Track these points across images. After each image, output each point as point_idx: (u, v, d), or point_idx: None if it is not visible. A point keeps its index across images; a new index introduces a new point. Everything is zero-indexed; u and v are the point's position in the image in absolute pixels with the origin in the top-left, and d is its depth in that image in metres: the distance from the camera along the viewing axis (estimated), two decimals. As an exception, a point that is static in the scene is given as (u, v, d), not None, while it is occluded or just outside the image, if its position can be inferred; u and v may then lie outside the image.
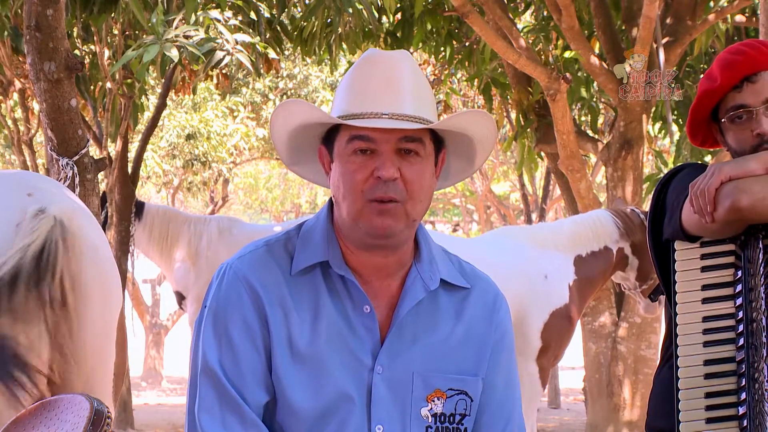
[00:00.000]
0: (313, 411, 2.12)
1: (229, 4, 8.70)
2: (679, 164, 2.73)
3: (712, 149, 10.11)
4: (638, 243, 6.69)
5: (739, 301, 2.43)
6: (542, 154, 11.06)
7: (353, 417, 2.13)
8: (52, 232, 3.30)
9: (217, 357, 2.12)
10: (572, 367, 16.96)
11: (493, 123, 2.24)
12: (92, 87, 9.88)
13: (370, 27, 9.37)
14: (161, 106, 10.28)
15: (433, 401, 2.17)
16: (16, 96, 10.71)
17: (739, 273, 2.43)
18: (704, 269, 2.46)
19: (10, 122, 10.96)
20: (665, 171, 11.04)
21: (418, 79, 2.17)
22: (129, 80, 9.35)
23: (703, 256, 2.46)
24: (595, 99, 10.73)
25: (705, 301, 2.45)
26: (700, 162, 2.80)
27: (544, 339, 6.54)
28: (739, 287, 2.43)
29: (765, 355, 2.39)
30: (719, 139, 2.65)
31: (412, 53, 11.91)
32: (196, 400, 2.13)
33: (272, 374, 2.13)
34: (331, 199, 2.22)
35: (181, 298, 7.95)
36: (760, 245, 2.40)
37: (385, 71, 2.15)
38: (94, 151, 8.55)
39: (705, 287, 2.46)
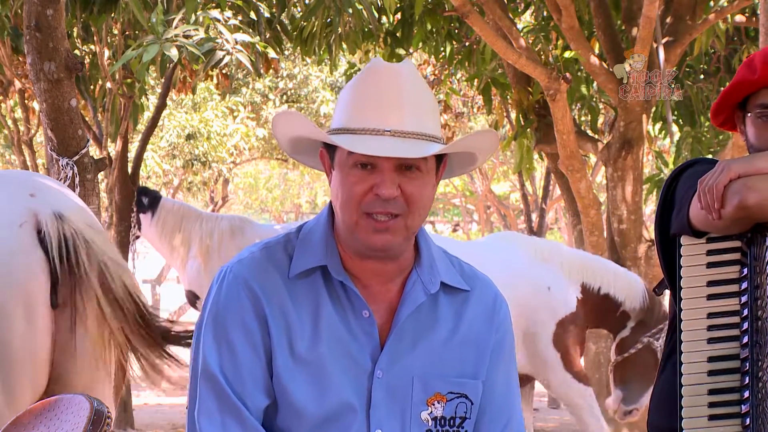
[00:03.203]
0: (315, 414, 2.11)
1: (229, 4, 8.69)
2: (689, 159, 2.71)
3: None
4: (640, 324, 6.62)
5: (744, 298, 2.42)
6: (542, 154, 11.07)
7: (353, 421, 2.12)
8: (75, 237, 3.33)
9: (218, 361, 2.12)
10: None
11: (496, 138, 2.22)
12: (92, 87, 9.88)
13: (370, 27, 9.37)
14: (161, 106, 10.28)
15: (434, 405, 2.16)
16: (16, 96, 10.71)
17: (745, 270, 2.42)
18: (710, 265, 2.45)
19: (10, 122, 10.96)
20: (665, 171, 11.04)
21: (421, 92, 2.14)
22: (129, 80, 9.35)
23: (709, 252, 2.45)
24: (595, 99, 10.73)
25: (710, 297, 2.45)
26: (710, 158, 2.78)
27: (558, 348, 6.55)
28: (744, 284, 2.42)
29: (770, 354, 2.40)
30: (740, 128, 2.64)
31: (412, 53, 11.93)
32: (196, 405, 2.13)
33: (273, 378, 2.12)
34: (331, 202, 2.21)
35: (194, 297, 7.92)
36: (767, 243, 2.39)
37: (388, 84, 2.13)
38: (94, 151, 8.55)
39: (710, 283, 2.45)
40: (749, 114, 2.57)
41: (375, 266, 2.17)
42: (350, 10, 8.71)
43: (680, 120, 10.73)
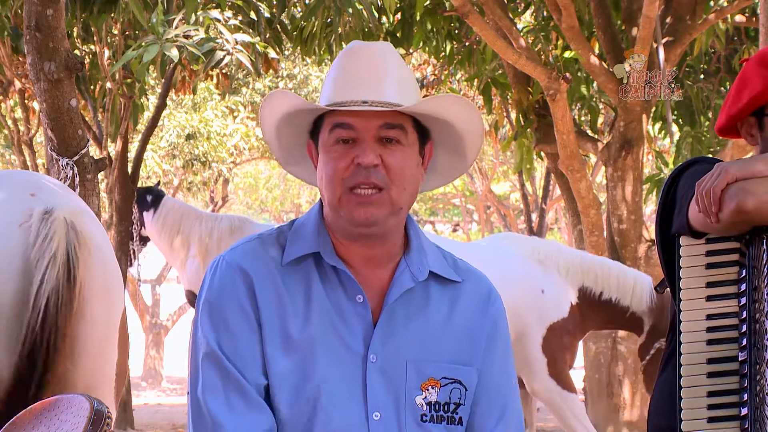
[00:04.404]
0: (307, 397, 2.13)
1: (229, 4, 8.70)
2: (690, 158, 2.69)
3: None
4: (654, 329, 6.56)
5: (743, 300, 2.41)
6: (542, 154, 11.06)
7: (349, 404, 2.14)
8: (68, 237, 3.30)
9: (217, 341, 2.14)
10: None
11: (475, 110, 2.25)
12: (92, 87, 9.88)
13: (370, 27, 9.37)
14: (161, 106, 10.28)
15: (428, 390, 2.18)
16: (16, 96, 10.71)
17: (744, 272, 2.42)
18: (709, 266, 2.44)
19: (10, 122, 10.96)
20: (665, 171, 11.04)
21: (400, 69, 2.19)
22: (129, 80, 9.36)
23: (708, 253, 2.44)
24: (595, 99, 10.73)
25: (709, 298, 2.44)
26: (711, 157, 2.75)
27: (547, 352, 6.52)
28: (743, 286, 2.42)
29: (767, 357, 2.39)
30: (751, 131, 2.60)
31: (412, 53, 11.92)
32: (198, 386, 2.15)
33: (265, 361, 2.15)
34: (320, 193, 2.24)
35: (194, 297, 7.93)
36: (764, 246, 2.39)
37: (368, 61, 2.18)
38: (94, 151, 8.56)
39: (709, 284, 2.44)
40: None
41: (365, 251, 2.19)
42: (350, 10, 8.71)
43: (680, 120, 10.73)
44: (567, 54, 10.06)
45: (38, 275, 3.25)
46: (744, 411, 2.40)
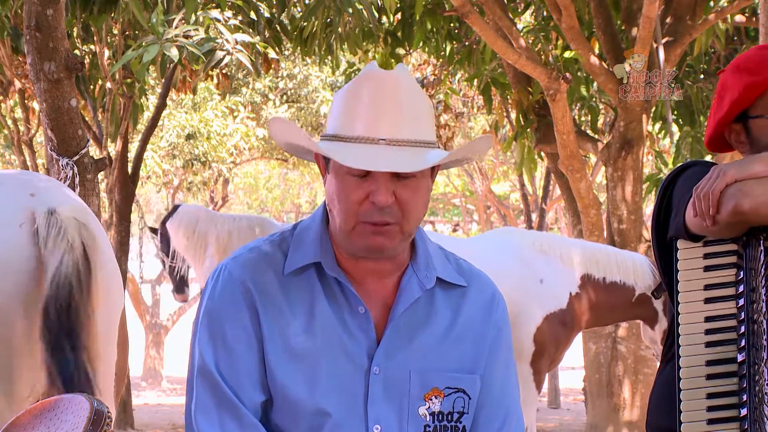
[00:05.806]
0: (309, 410, 2.12)
1: (229, 4, 8.70)
2: (685, 161, 2.69)
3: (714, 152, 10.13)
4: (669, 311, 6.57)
5: (741, 301, 2.41)
6: (542, 154, 11.07)
7: (350, 417, 2.13)
8: (80, 231, 3.31)
9: (213, 358, 2.13)
10: (572, 367, 16.97)
11: (491, 141, 2.24)
12: (92, 87, 9.88)
13: (370, 27, 9.38)
14: (161, 106, 10.29)
15: (431, 400, 2.16)
16: (16, 96, 10.71)
17: (742, 273, 2.42)
18: (707, 269, 2.44)
19: (10, 122, 10.96)
20: (665, 171, 11.04)
21: (416, 98, 2.13)
22: (129, 80, 9.36)
23: (706, 256, 2.44)
24: (595, 99, 10.73)
25: (707, 301, 2.44)
26: (706, 160, 2.75)
27: (537, 342, 6.50)
28: (741, 288, 2.42)
29: (765, 358, 2.39)
30: (738, 139, 2.59)
31: (411, 53, 11.92)
32: (192, 402, 2.13)
33: (267, 373, 2.13)
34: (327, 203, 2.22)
35: None
36: (761, 247, 2.39)
37: (381, 90, 2.10)
38: (94, 151, 8.56)
39: (707, 287, 2.44)
40: (763, 117, 2.52)
41: (371, 265, 2.17)
42: (350, 10, 8.72)
43: (680, 120, 10.73)
44: (567, 54, 10.06)
45: (54, 264, 3.25)
46: (743, 412, 2.40)
